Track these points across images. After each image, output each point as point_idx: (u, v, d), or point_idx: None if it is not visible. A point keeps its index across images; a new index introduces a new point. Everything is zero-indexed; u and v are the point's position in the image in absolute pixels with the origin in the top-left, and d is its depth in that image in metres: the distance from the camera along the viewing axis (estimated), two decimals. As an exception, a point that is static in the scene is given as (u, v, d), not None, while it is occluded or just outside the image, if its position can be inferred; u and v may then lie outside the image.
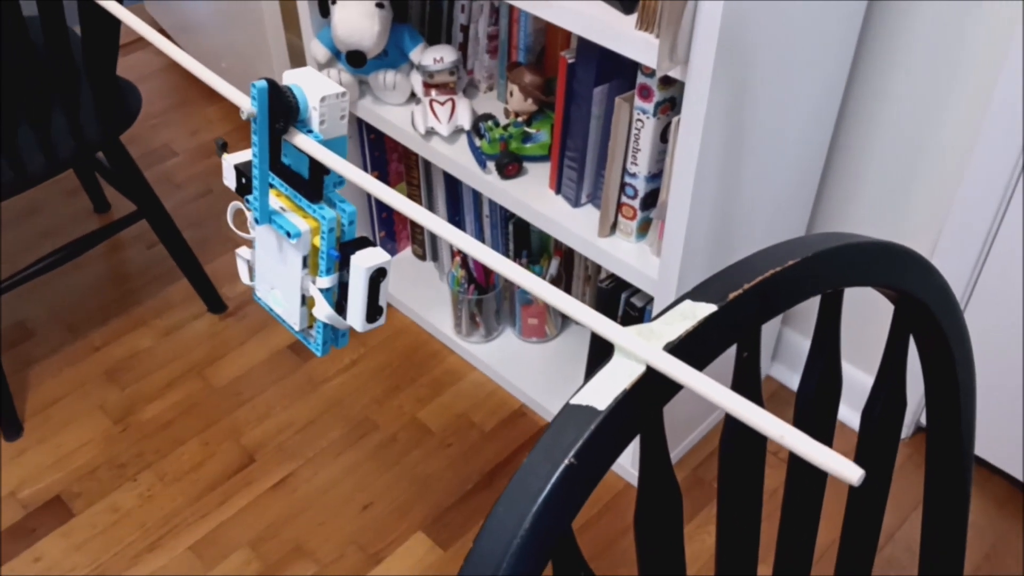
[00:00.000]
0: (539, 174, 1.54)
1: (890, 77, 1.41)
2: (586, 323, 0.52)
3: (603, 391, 0.50)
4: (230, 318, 1.97)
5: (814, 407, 0.67)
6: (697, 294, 0.54)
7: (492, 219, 1.75)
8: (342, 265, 0.69)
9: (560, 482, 0.48)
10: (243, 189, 0.72)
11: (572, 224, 1.46)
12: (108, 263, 2.10)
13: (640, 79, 1.25)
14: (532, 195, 1.51)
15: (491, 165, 1.54)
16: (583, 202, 1.48)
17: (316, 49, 1.62)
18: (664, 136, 1.30)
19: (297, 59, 2.25)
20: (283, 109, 0.64)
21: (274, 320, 1.96)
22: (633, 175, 1.35)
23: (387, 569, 1.54)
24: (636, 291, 1.51)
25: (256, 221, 0.69)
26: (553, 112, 1.52)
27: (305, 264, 0.70)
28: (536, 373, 1.81)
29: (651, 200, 1.38)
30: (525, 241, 1.77)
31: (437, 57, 1.57)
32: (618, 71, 1.33)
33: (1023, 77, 1.26)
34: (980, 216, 1.40)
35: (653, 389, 0.51)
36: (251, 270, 0.78)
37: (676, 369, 0.48)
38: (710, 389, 0.47)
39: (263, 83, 0.62)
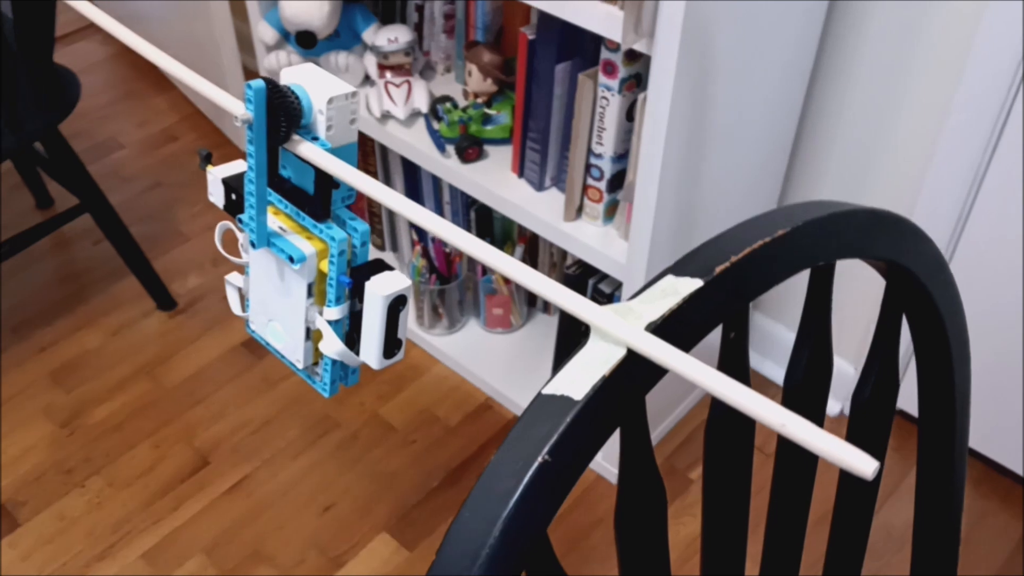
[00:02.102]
0: (501, 158, 1.48)
1: (859, 48, 1.37)
2: (558, 303, 0.47)
3: (579, 379, 0.44)
4: (181, 315, 1.89)
5: (803, 393, 0.63)
6: (680, 269, 0.48)
7: (453, 206, 1.69)
8: (353, 293, 0.60)
9: (533, 482, 0.42)
10: (233, 207, 0.63)
11: (536, 209, 1.40)
12: (53, 261, 2.01)
13: (604, 55, 1.20)
14: (494, 179, 1.45)
15: (450, 149, 1.48)
16: (547, 185, 1.43)
17: (264, 31, 1.54)
18: (630, 114, 1.25)
19: (247, 48, 2.17)
20: (284, 113, 0.55)
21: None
22: (598, 156, 1.30)
23: (351, 572, 1.48)
24: (604, 277, 1.46)
25: (252, 244, 0.60)
26: (514, 92, 1.46)
27: (310, 293, 0.61)
28: (502, 365, 1.76)
29: (618, 182, 1.33)
30: (488, 228, 1.71)
31: (391, 37, 1.51)
32: (580, 47, 1.28)
33: (997, 46, 1.22)
34: (952, 195, 1.37)
35: (635, 375, 0.45)
36: (243, 299, 0.69)
37: (661, 351, 0.43)
38: (700, 374, 0.42)
39: (260, 83, 0.53)
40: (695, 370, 0.42)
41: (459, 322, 1.82)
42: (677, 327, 0.46)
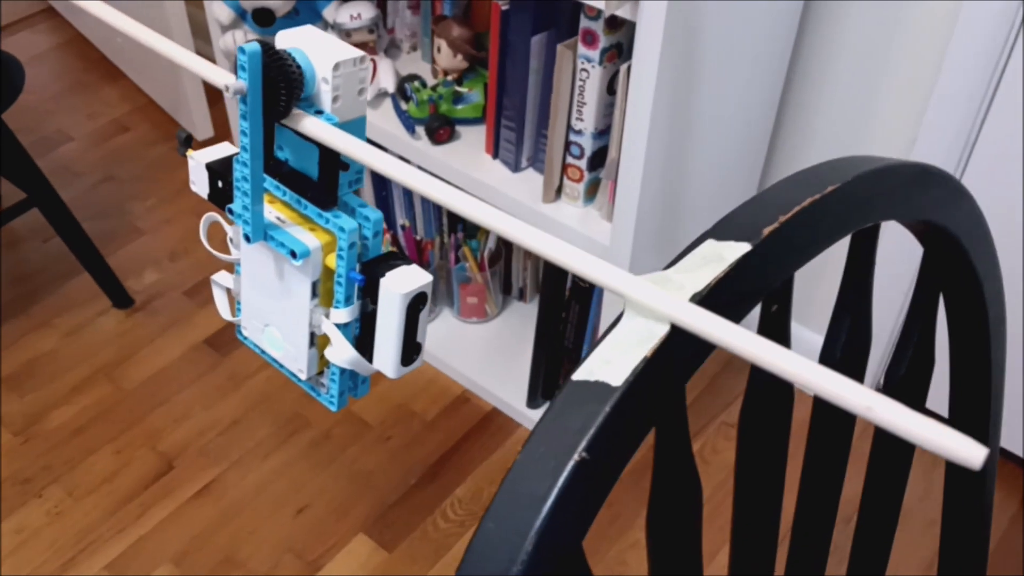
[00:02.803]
0: (474, 138, 1.41)
1: (844, 16, 1.32)
2: (587, 274, 0.40)
3: (617, 361, 0.38)
4: (138, 313, 1.80)
5: (841, 371, 0.57)
6: (721, 231, 0.42)
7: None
8: (365, 291, 0.53)
9: (569, 484, 0.36)
10: (219, 196, 0.55)
11: (513, 190, 1.34)
12: (2, 261, 1.90)
13: (583, 23, 1.14)
14: (467, 161, 1.38)
15: (420, 130, 1.41)
16: (523, 166, 1.36)
17: (218, 9, 1.46)
18: (611, 87, 1.19)
19: (201, 33, 2.08)
20: (283, 82, 0.47)
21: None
22: (579, 132, 1.23)
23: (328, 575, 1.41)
24: (585, 260, 1.40)
25: (246, 239, 0.52)
26: (486, 69, 1.39)
27: (315, 292, 0.53)
28: (478, 356, 1.69)
29: (599, 159, 1.26)
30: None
31: (354, 14, 1.43)
32: (557, 17, 1.21)
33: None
34: (946, 156, 1.33)
35: (679, 355, 0.39)
36: (233, 301, 0.60)
37: (715, 327, 0.37)
38: (764, 351, 0.35)
39: (255, 46, 0.45)
40: (757, 347, 0.36)
41: (432, 312, 1.75)
42: (724, 298, 0.40)
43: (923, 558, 1.44)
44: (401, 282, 0.51)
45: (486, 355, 1.69)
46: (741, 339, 0.36)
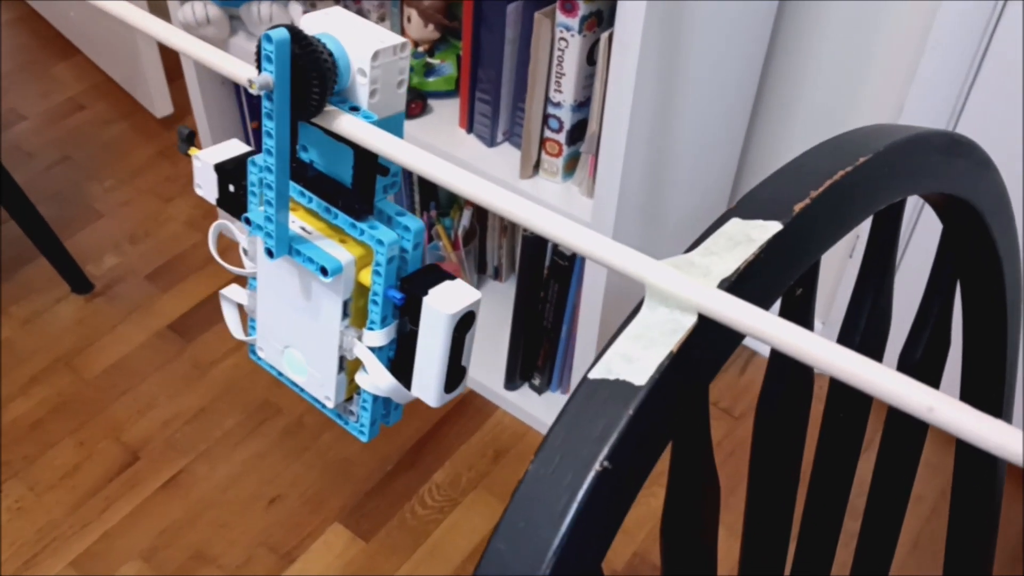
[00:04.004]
0: (446, 112, 1.36)
1: (828, -15, 1.28)
2: (602, 258, 0.36)
3: (639, 356, 0.33)
4: (98, 299, 1.73)
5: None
6: (746, 209, 0.38)
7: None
8: (403, 311, 0.47)
9: (590, 499, 0.32)
10: (229, 202, 0.49)
11: (488, 166, 1.29)
12: (-49, 246, 1.83)
13: (562, -10, 1.09)
14: (440, 136, 1.33)
15: (391, 105, 1.35)
16: (499, 140, 1.31)
17: (177, -20, 1.39)
18: (591, 57, 1.14)
19: (159, 11, 2.00)
20: (314, 76, 0.41)
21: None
22: (557, 104, 1.19)
23: (303, 569, 1.37)
24: (564, 237, 1.35)
25: (269, 253, 0.46)
26: (458, 40, 1.34)
27: (346, 312, 0.48)
28: (453, 337, 1.64)
29: (578, 133, 1.22)
30: (432, 192, 1.59)
31: (320, -16, 1.37)
32: (534, -15, 1.16)
33: None
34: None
35: (706, 349, 0.35)
36: (246, 318, 0.54)
37: (749, 317, 0.33)
38: (810, 346, 0.31)
39: (283, 33, 0.39)
40: (801, 341, 0.31)
41: (405, 293, 1.70)
42: (752, 284, 0.36)
43: (907, 534, 1.42)
44: (447, 301, 0.45)
45: (461, 337, 1.64)
46: (781, 331, 0.32)
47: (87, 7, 2.05)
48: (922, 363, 0.58)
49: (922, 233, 1.38)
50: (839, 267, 1.48)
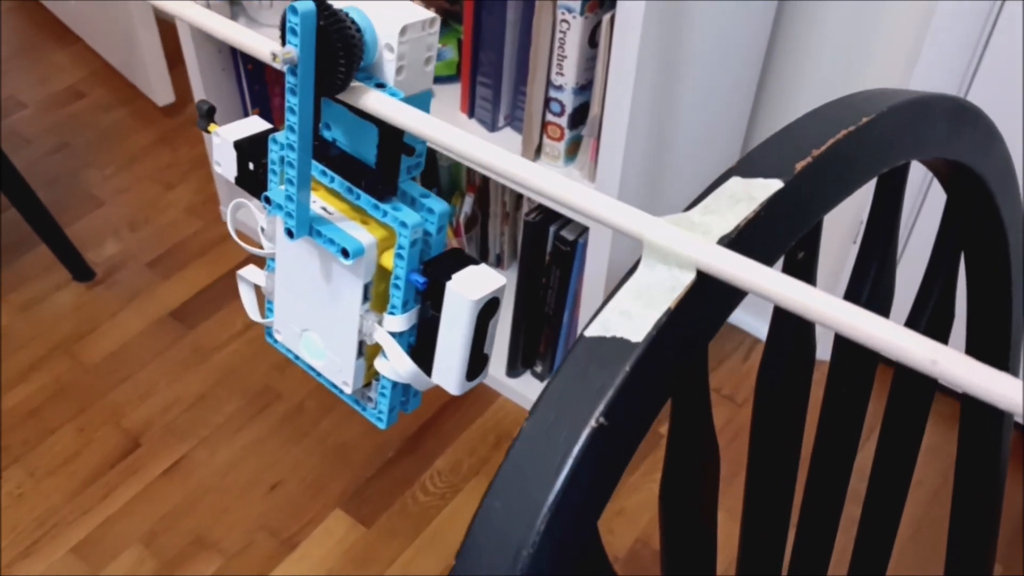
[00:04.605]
0: (448, 97, 1.35)
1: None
2: (595, 214, 0.35)
3: (636, 313, 0.33)
4: (99, 286, 1.73)
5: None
6: (747, 168, 0.37)
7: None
8: (426, 295, 0.46)
9: (586, 455, 0.31)
10: (249, 180, 0.48)
11: (489, 150, 1.28)
12: (-48, 233, 1.82)
13: (563, -29, 1.08)
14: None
15: (391, 89, 1.35)
16: (501, 125, 1.31)
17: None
18: (593, 39, 1.13)
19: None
20: (341, 50, 0.39)
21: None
22: (559, 88, 1.18)
23: (304, 554, 1.36)
24: (567, 222, 1.35)
25: (289, 233, 0.45)
26: (459, 24, 1.33)
27: (366, 296, 0.47)
28: (454, 324, 1.64)
29: (580, 116, 1.21)
30: (433, 177, 1.58)
31: (320, -33, 1.36)
32: (535, -34, 1.15)
33: None
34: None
35: (704, 305, 0.34)
36: (263, 300, 0.53)
37: (749, 273, 0.32)
38: (811, 299, 0.31)
39: (308, 5, 0.38)
40: (802, 295, 0.31)
41: (406, 280, 1.69)
42: (754, 242, 0.35)
43: (908, 520, 1.41)
44: (471, 286, 0.44)
45: (462, 324, 1.63)
46: (782, 286, 0.31)
47: (87, -6, 2.04)
48: (925, 335, 0.57)
49: (929, 211, 1.37)
50: (842, 254, 1.47)
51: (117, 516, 1.40)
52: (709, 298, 0.34)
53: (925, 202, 1.36)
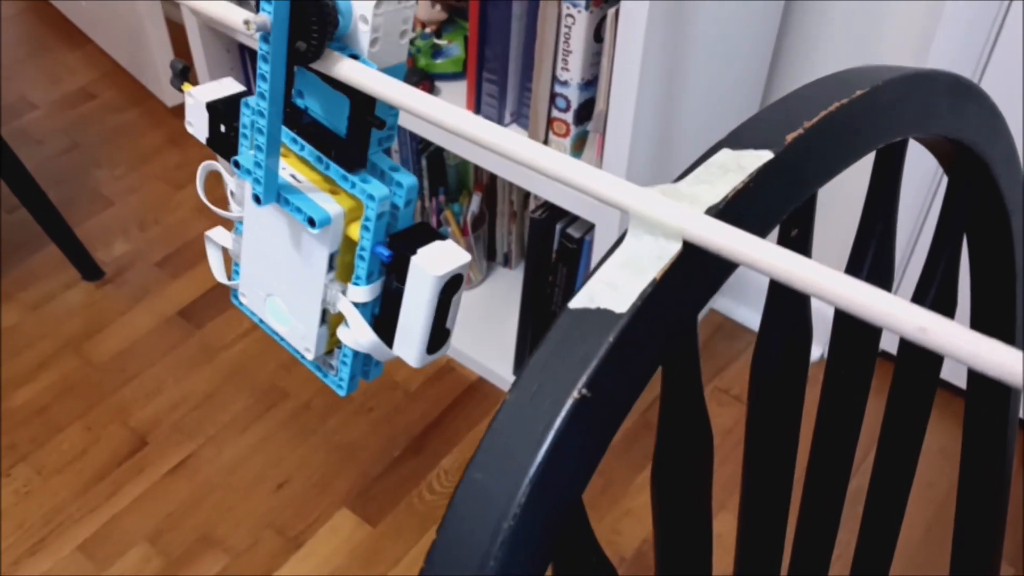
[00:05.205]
0: (454, 93, 1.35)
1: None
2: (577, 183, 0.35)
3: (621, 284, 0.32)
4: (108, 285, 1.73)
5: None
6: (736, 140, 0.37)
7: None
8: (391, 268, 0.46)
9: (568, 425, 0.30)
10: (220, 142, 0.48)
11: (495, 147, 1.28)
12: (-37, 233, 1.83)
13: (568, -35, 1.07)
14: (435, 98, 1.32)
15: (398, 86, 1.35)
16: (507, 122, 1.30)
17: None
18: (599, 34, 1.13)
19: (168, -7, 2.00)
20: (314, 18, 0.40)
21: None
22: (564, 83, 1.17)
23: (310, 552, 1.36)
24: (573, 219, 1.34)
25: (256, 199, 0.45)
26: (465, 21, 1.33)
27: (331, 265, 0.47)
28: (461, 324, 1.63)
29: (586, 112, 1.20)
30: (441, 176, 1.58)
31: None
32: (540, -39, 1.15)
33: None
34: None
35: (691, 276, 0.34)
36: (230, 262, 0.54)
37: (735, 242, 0.31)
38: (797, 267, 0.30)
39: None
40: (788, 263, 0.30)
41: (414, 279, 1.69)
42: (743, 213, 0.34)
43: (918, 523, 1.40)
44: (435, 261, 0.44)
45: (470, 323, 1.63)
46: (768, 255, 0.31)
47: (98, -4, 2.05)
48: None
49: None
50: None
51: (124, 514, 1.40)
52: (696, 269, 0.33)
53: (939, 187, 1.35)
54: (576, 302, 0.33)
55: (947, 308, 0.57)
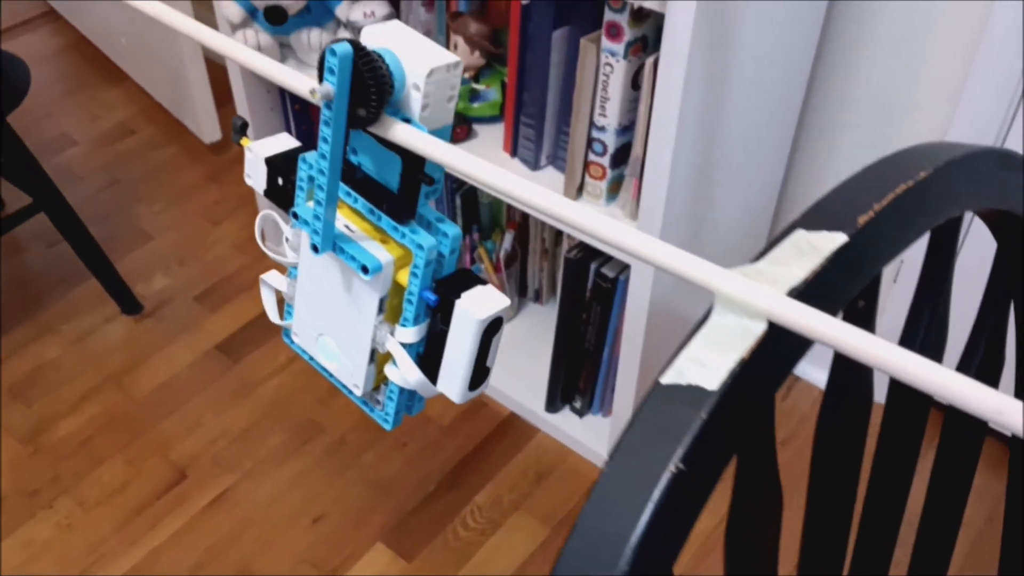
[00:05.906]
0: (491, 136, 1.38)
1: (872, 6, 1.29)
2: (665, 265, 0.37)
3: (711, 362, 0.35)
4: (148, 319, 1.77)
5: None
6: (811, 221, 0.39)
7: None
8: (436, 311, 0.50)
9: (666, 499, 0.33)
10: (277, 194, 0.52)
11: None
12: (5, 267, 1.87)
13: (607, 15, 1.11)
14: (485, 161, 1.35)
15: (436, 129, 1.38)
16: (543, 164, 1.33)
17: (228, 8, 1.43)
18: (636, 82, 1.16)
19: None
20: (373, 87, 0.43)
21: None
22: (601, 128, 1.20)
23: (346, 587, 1.38)
24: (607, 259, 1.37)
25: (314, 248, 0.49)
26: (503, 67, 1.37)
27: (381, 308, 0.51)
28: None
29: (622, 156, 1.23)
30: (474, 214, 1.61)
31: (368, 11, 1.40)
32: (579, 10, 1.18)
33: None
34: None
35: (775, 355, 0.36)
36: (283, 303, 0.57)
37: (820, 324, 0.34)
38: (880, 351, 0.32)
39: (347, 47, 0.42)
40: (871, 346, 0.32)
41: (447, 315, 1.72)
42: (820, 294, 0.37)
43: (958, 554, 1.40)
44: (478, 306, 0.48)
45: (503, 358, 1.65)
46: (851, 338, 0.33)
47: (139, 35, 2.10)
48: (976, 380, 0.58)
49: (969, 251, 1.38)
50: (883, 293, 1.47)
51: (164, 547, 1.42)
52: (779, 348, 0.35)
53: (966, 241, 1.37)
54: (666, 378, 0.35)
55: (994, 368, 0.59)
